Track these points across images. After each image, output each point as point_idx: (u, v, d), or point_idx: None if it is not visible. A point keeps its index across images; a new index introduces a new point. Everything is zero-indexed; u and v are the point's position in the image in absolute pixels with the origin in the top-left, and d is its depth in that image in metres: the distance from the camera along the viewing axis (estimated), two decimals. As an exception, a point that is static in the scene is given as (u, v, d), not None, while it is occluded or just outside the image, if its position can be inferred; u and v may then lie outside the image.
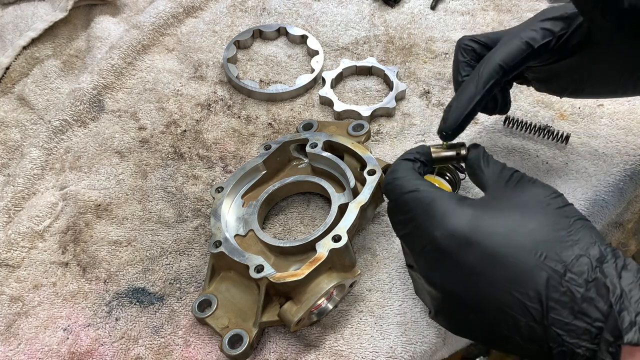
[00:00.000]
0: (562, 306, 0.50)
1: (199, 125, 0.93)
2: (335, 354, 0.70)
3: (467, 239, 0.54)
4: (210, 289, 0.74)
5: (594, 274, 0.50)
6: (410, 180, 0.61)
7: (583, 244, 0.52)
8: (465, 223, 0.54)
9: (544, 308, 0.50)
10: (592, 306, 0.49)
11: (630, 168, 0.85)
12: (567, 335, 0.49)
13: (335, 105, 0.93)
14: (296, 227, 0.82)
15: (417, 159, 0.65)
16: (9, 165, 0.90)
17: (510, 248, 0.52)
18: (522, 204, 0.57)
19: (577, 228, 0.53)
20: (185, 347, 0.72)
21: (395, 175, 0.62)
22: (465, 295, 0.55)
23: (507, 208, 0.56)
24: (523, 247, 0.52)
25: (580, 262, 0.51)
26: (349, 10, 1.08)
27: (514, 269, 0.52)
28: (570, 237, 0.53)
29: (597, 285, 0.49)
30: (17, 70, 1.00)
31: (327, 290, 0.67)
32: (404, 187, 0.60)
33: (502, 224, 0.54)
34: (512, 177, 0.61)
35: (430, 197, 0.58)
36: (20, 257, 0.79)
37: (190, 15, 1.07)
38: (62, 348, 0.72)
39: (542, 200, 0.56)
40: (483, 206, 0.57)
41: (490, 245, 0.53)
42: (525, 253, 0.52)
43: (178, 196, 0.85)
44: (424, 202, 0.58)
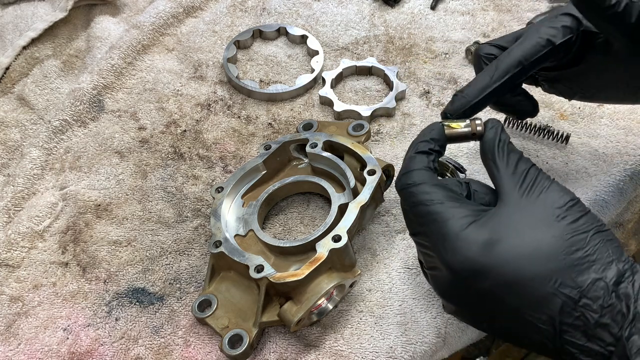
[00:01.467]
0: (575, 329, 0.50)
1: (199, 125, 0.93)
2: (335, 354, 0.70)
3: (481, 267, 0.53)
4: (210, 289, 0.74)
5: (610, 300, 0.50)
6: (425, 187, 0.58)
7: (600, 264, 0.51)
8: (478, 251, 0.53)
9: (557, 331, 0.51)
10: (606, 332, 0.49)
11: (630, 168, 0.85)
12: (580, 354, 0.50)
13: (335, 105, 0.93)
14: (296, 227, 0.82)
15: (432, 150, 0.62)
16: (9, 165, 0.90)
17: (525, 276, 0.52)
18: (537, 218, 0.55)
19: (595, 245, 0.52)
20: (185, 347, 0.72)
21: (409, 179, 0.60)
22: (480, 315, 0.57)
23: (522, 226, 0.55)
24: (538, 275, 0.52)
25: (596, 286, 0.50)
26: (349, 10, 1.08)
27: (527, 296, 0.52)
28: (587, 257, 0.52)
29: (612, 311, 0.49)
30: (17, 70, 1.00)
31: (327, 290, 0.67)
32: (418, 197, 0.58)
33: (517, 249, 0.53)
34: (527, 178, 0.58)
35: (445, 216, 0.56)
36: (20, 257, 0.79)
37: (190, 15, 1.07)
38: (62, 348, 0.72)
39: (558, 212, 0.54)
40: (497, 225, 0.55)
41: (504, 274, 0.52)
42: (539, 280, 0.51)
43: (178, 196, 0.85)
44: (438, 221, 0.56)
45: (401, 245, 0.79)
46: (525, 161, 0.60)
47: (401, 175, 0.61)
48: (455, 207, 0.57)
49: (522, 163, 0.59)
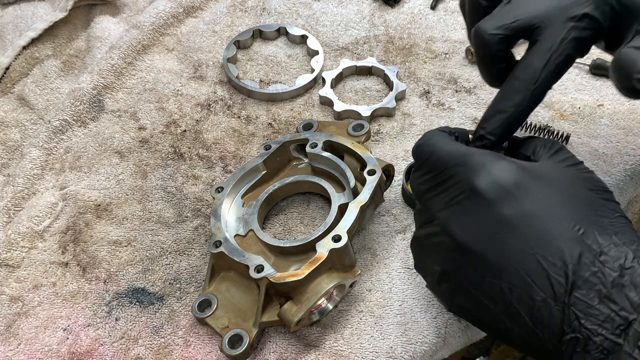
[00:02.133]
0: (589, 287, 0.47)
1: (199, 125, 0.93)
2: (335, 354, 0.70)
3: (509, 190, 0.51)
4: (210, 289, 0.74)
5: (632, 263, 0.47)
6: (446, 140, 0.57)
7: (623, 237, 0.49)
8: (509, 176, 0.51)
9: (569, 284, 0.47)
10: (622, 294, 0.46)
11: (630, 168, 0.85)
12: (586, 320, 0.46)
13: (335, 105, 0.93)
14: (296, 227, 0.82)
15: (453, 134, 0.60)
16: (9, 165, 0.90)
17: (551, 213, 0.50)
18: (571, 181, 0.54)
19: (620, 223, 0.51)
20: (185, 347, 0.72)
21: (428, 137, 0.58)
22: (487, 251, 0.51)
23: (556, 179, 0.54)
24: (564, 217, 0.50)
25: (617, 249, 0.48)
26: (349, 10, 1.08)
27: (548, 233, 0.49)
28: (612, 226, 0.50)
29: (632, 274, 0.46)
30: (17, 70, 1.00)
31: (327, 290, 0.67)
32: (439, 145, 0.57)
33: (548, 190, 0.52)
34: (570, 159, 0.57)
35: (471, 151, 0.55)
36: (20, 257, 0.79)
37: (190, 15, 1.07)
38: (62, 348, 0.72)
39: (592, 186, 0.54)
40: (531, 167, 0.54)
41: (530, 204, 0.50)
42: (564, 222, 0.49)
43: (178, 196, 0.85)
44: (463, 155, 0.54)
45: (401, 245, 0.79)
46: (566, 151, 0.59)
47: (419, 140, 0.59)
48: (482, 150, 0.55)
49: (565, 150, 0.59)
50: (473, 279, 0.53)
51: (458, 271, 0.55)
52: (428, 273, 0.61)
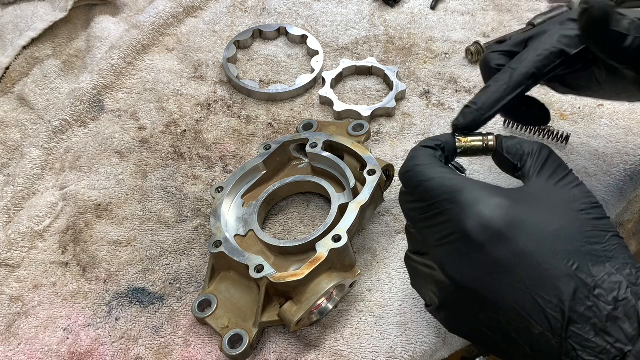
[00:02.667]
0: (584, 321, 0.48)
1: (199, 125, 0.93)
2: (335, 354, 0.70)
3: (501, 232, 0.51)
4: (210, 289, 0.74)
5: (625, 294, 0.48)
6: (434, 167, 0.56)
7: (616, 262, 0.50)
8: (500, 215, 0.51)
9: (565, 319, 0.48)
10: (617, 327, 0.47)
11: (630, 168, 0.85)
12: (583, 352, 0.48)
13: (335, 105, 0.93)
14: (296, 227, 0.82)
15: (438, 147, 0.60)
16: (9, 165, 0.90)
17: (544, 251, 0.50)
18: (561, 204, 0.54)
19: (613, 245, 0.51)
20: (185, 347, 0.72)
21: (415, 162, 0.57)
22: (484, 290, 0.52)
23: (546, 206, 0.53)
24: (557, 253, 0.50)
25: (611, 279, 0.49)
26: (349, 10, 1.08)
27: (543, 273, 0.49)
28: (605, 252, 0.51)
29: (626, 306, 0.48)
30: (17, 70, 1.00)
31: (327, 290, 0.67)
32: (426, 174, 0.56)
33: (539, 224, 0.51)
34: (558, 171, 0.57)
35: (460, 184, 0.54)
36: (20, 257, 0.79)
37: (190, 15, 1.07)
38: (62, 348, 0.72)
39: (582, 207, 0.54)
40: (520, 198, 0.54)
41: (524, 244, 0.50)
42: (558, 259, 0.50)
43: (178, 196, 0.85)
44: (452, 189, 0.54)
45: (401, 245, 0.79)
46: (554, 159, 0.58)
47: (405, 162, 0.59)
48: (471, 180, 0.55)
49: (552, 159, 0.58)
50: (471, 311, 0.54)
51: (455, 303, 0.56)
52: (426, 297, 0.62)
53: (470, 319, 0.55)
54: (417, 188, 0.56)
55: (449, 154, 0.61)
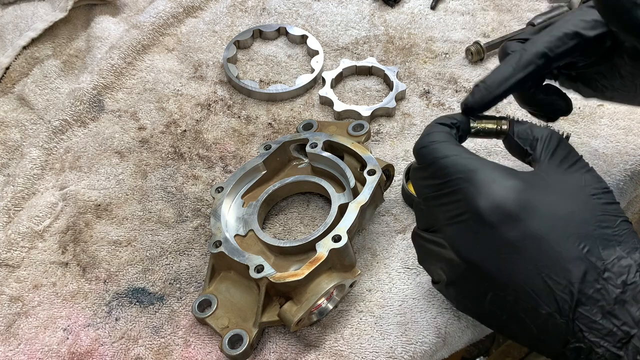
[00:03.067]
0: (592, 303, 0.49)
1: (199, 125, 0.93)
2: (335, 354, 0.70)
3: (513, 214, 0.51)
4: (210, 289, 0.74)
5: (634, 278, 0.49)
6: (449, 145, 0.57)
7: (626, 246, 0.51)
8: (513, 197, 0.52)
9: (574, 301, 0.49)
10: (624, 309, 0.48)
11: (630, 168, 0.85)
12: (589, 333, 0.48)
13: (335, 105, 0.93)
14: (296, 227, 0.82)
15: (454, 125, 0.60)
16: (9, 165, 0.90)
17: (556, 233, 0.51)
18: (573, 189, 0.54)
19: (623, 229, 0.52)
20: (185, 347, 0.72)
21: (431, 138, 0.57)
22: (493, 270, 0.52)
23: (558, 190, 0.54)
24: (568, 236, 0.51)
25: (621, 263, 0.50)
26: (349, 10, 1.08)
27: (553, 254, 0.50)
28: (615, 236, 0.51)
29: (634, 289, 0.48)
30: (17, 70, 1.00)
31: (327, 290, 0.67)
32: (442, 151, 0.56)
33: (551, 207, 0.52)
34: (568, 157, 0.57)
35: (475, 164, 0.54)
36: (20, 257, 0.79)
37: (190, 15, 1.07)
38: (62, 348, 0.72)
39: (594, 191, 0.54)
40: (533, 182, 0.54)
41: (535, 226, 0.51)
42: (569, 242, 0.50)
43: (178, 196, 0.85)
44: (467, 168, 0.54)
45: (401, 245, 0.79)
46: (565, 145, 0.58)
47: (420, 138, 0.58)
48: (486, 160, 0.55)
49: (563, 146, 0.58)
50: (479, 290, 0.55)
51: (464, 281, 0.57)
52: (434, 274, 0.63)
53: (478, 297, 0.55)
54: (432, 165, 0.56)
55: (463, 133, 0.61)
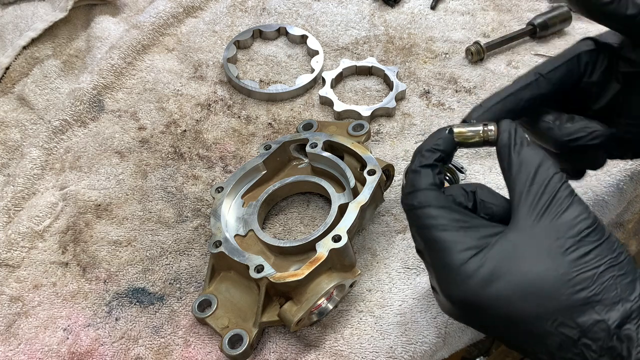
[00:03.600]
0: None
1: (199, 125, 0.93)
2: (335, 354, 0.70)
3: (479, 303, 0.52)
4: (210, 289, 0.74)
5: (610, 342, 0.49)
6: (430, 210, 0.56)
7: (604, 305, 0.50)
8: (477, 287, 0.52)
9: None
10: None
11: (631, 168, 0.85)
12: None
13: (335, 105, 0.93)
14: (296, 227, 0.82)
15: (437, 161, 0.58)
16: (9, 165, 0.90)
17: (524, 314, 0.51)
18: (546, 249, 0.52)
19: (602, 283, 0.50)
20: (185, 347, 0.72)
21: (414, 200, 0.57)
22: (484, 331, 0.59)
23: (527, 259, 0.52)
24: (537, 314, 0.51)
25: (597, 327, 0.49)
26: (349, 10, 1.08)
27: (526, 333, 0.51)
28: (591, 297, 0.50)
29: (612, 353, 0.49)
30: (17, 70, 1.00)
31: (327, 290, 0.67)
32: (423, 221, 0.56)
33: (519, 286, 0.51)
34: (544, 194, 0.53)
35: (447, 245, 0.54)
36: (20, 257, 0.79)
37: (190, 15, 1.07)
38: (62, 348, 0.72)
39: (569, 243, 0.51)
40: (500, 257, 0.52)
41: (503, 311, 0.52)
42: (539, 319, 0.51)
43: (178, 196, 0.85)
44: (440, 250, 0.54)
45: (401, 245, 0.79)
46: (545, 169, 0.54)
47: (407, 194, 0.58)
48: (460, 236, 0.54)
49: (542, 171, 0.54)
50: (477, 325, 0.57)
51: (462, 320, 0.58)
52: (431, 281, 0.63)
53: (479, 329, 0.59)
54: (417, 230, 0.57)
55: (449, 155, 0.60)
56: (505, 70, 0.99)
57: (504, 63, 1.00)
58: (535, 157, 0.55)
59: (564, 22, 1.02)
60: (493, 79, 0.97)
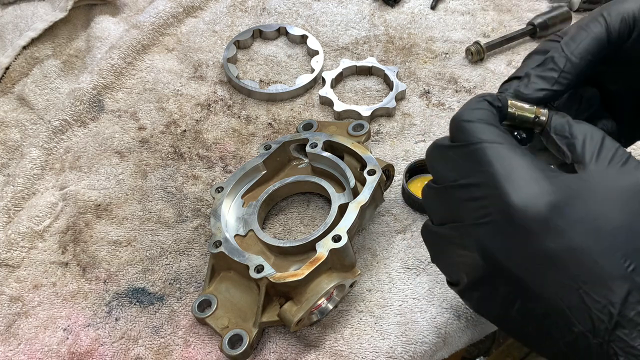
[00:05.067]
0: (632, 326, 0.45)
1: (199, 125, 0.93)
2: (335, 354, 0.70)
3: (553, 221, 0.46)
4: (210, 289, 0.74)
5: None
6: (494, 129, 0.50)
7: None
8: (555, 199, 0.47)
9: (612, 322, 0.45)
10: None
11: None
12: (625, 357, 0.45)
13: (335, 105, 0.93)
14: (296, 227, 0.82)
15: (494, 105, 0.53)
16: (9, 165, 0.90)
17: (599, 247, 0.46)
18: (624, 195, 0.48)
19: None
20: (185, 347, 0.72)
21: (475, 115, 0.51)
22: (526, 279, 0.48)
23: (607, 197, 0.48)
24: (614, 251, 0.46)
25: None
26: (349, 10, 1.08)
27: (595, 270, 0.46)
28: None
29: None
30: (17, 70, 1.00)
31: (327, 290, 0.67)
32: (486, 134, 0.50)
33: (597, 217, 0.47)
34: (616, 155, 0.50)
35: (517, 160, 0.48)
36: (20, 257, 0.79)
37: (190, 15, 1.07)
38: (62, 348, 0.72)
39: None
40: (578, 186, 0.48)
41: (577, 238, 0.46)
42: (614, 258, 0.46)
43: (178, 196, 0.85)
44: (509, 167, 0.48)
45: (401, 245, 0.79)
46: (610, 141, 0.51)
47: (462, 110, 0.52)
48: (529, 158, 0.49)
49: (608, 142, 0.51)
50: (506, 298, 0.50)
51: (489, 286, 0.52)
52: (451, 274, 0.57)
53: (504, 305, 0.51)
54: (469, 146, 0.51)
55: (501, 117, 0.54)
56: (506, 70, 0.99)
57: (504, 63, 1.00)
58: (598, 131, 0.52)
59: (564, 22, 1.02)
60: (493, 79, 0.97)
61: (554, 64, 0.56)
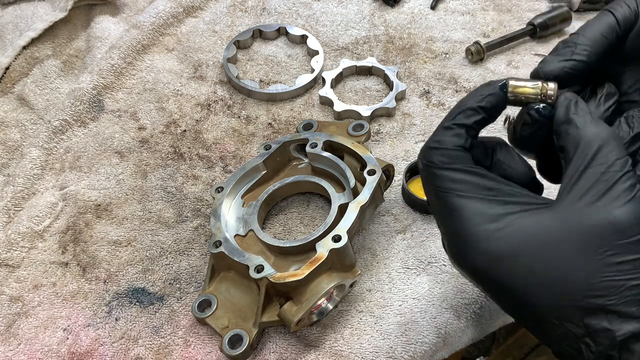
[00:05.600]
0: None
1: (199, 125, 0.93)
2: (335, 354, 0.70)
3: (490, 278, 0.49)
4: (210, 289, 0.74)
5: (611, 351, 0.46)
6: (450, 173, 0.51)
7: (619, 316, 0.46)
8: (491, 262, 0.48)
9: None
10: None
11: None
12: None
13: (335, 105, 0.93)
14: (296, 227, 0.82)
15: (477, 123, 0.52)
16: (9, 165, 0.90)
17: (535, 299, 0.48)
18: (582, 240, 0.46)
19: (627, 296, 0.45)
20: (185, 347, 0.72)
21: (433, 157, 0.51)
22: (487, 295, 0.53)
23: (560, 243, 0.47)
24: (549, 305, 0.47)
25: (604, 335, 0.46)
26: (349, 10, 1.08)
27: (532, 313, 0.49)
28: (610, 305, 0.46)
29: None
30: (17, 70, 1.00)
31: (327, 290, 0.67)
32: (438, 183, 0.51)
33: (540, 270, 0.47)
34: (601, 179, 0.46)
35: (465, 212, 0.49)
36: (20, 257, 0.79)
37: (190, 15, 1.07)
38: (62, 348, 0.72)
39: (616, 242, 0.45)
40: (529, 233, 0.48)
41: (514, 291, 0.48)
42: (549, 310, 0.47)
43: (178, 196, 0.85)
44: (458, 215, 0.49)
45: (401, 245, 0.79)
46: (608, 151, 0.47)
47: (429, 148, 0.52)
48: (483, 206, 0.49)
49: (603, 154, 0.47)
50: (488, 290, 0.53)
51: None
52: None
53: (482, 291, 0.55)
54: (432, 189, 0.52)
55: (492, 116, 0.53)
56: (505, 70, 0.99)
57: (504, 63, 1.00)
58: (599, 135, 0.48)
59: (564, 22, 1.02)
60: (493, 79, 0.97)
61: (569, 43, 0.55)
